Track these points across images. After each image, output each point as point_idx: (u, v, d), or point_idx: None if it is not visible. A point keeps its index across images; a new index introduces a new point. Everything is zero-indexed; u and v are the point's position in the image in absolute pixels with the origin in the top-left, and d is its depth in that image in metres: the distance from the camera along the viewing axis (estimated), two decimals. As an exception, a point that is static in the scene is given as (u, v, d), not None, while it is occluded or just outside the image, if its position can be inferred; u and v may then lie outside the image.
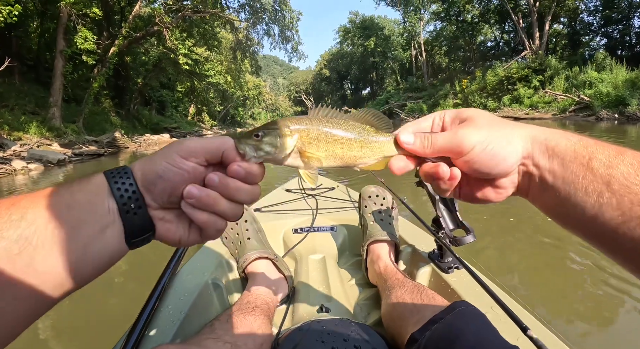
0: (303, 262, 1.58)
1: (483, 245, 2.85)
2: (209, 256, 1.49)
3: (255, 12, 27.34)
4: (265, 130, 0.51)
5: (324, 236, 1.77)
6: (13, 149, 10.71)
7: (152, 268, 2.63)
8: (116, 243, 0.43)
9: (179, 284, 1.26)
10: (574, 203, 0.43)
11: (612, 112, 17.28)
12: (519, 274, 2.44)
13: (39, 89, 17.64)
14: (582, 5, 29.97)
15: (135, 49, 21.96)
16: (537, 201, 0.50)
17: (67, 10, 14.53)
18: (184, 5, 19.07)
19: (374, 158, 0.56)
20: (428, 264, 1.34)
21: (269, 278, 1.34)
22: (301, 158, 0.54)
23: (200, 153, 0.47)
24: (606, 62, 21.13)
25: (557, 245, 2.79)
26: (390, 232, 1.44)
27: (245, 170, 0.48)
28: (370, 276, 1.41)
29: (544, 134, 0.47)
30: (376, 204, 1.55)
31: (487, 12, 33.83)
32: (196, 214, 0.46)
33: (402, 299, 1.08)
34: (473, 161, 0.48)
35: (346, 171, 6.72)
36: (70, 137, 14.00)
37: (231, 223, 1.49)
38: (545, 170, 0.46)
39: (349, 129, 0.55)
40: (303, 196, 2.25)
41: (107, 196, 0.43)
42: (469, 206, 3.28)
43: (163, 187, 0.45)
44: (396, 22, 51.06)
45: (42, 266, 0.37)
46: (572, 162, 0.44)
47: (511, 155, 0.47)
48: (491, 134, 0.48)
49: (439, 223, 1.28)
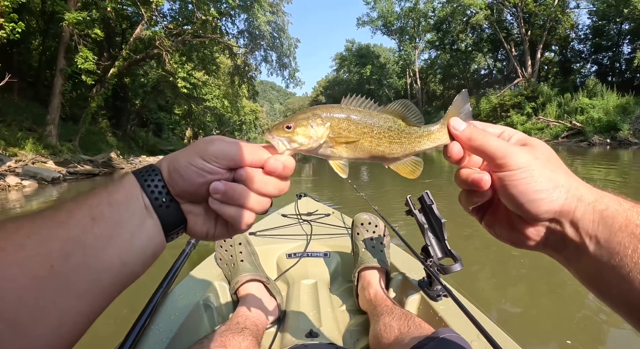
0: (295, 286, 1.60)
1: (472, 273, 2.86)
2: (201, 277, 1.51)
3: (253, 39, 27.87)
4: (297, 120, 0.51)
5: (317, 262, 1.79)
6: (8, 165, 10.67)
7: (144, 287, 2.62)
8: (156, 236, 0.46)
9: (171, 304, 1.29)
10: (619, 279, 0.38)
11: (604, 137, 17.64)
12: (507, 303, 2.45)
13: (37, 106, 17.71)
14: (573, 33, 31.20)
15: (135, 70, 22.20)
16: (571, 267, 0.46)
17: (69, 29, 14.74)
18: (185, 29, 19.44)
19: (403, 154, 0.55)
20: (417, 291, 1.36)
21: (259, 300, 1.36)
22: (331, 149, 0.53)
23: (222, 158, 0.47)
24: (597, 88, 21.76)
25: (547, 275, 2.80)
26: (381, 260, 1.47)
27: (282, 163, 0.48)
28: (361, 302, 1.43)
29: (594, 194, 0.43)
30: (368, 231, 1.58)
31: (481, 41, 34.80)
32: (223, 209, 0.47)
33: (390, 325, 1.10)
34: (509, 181, 0.45)
35: (342, 195, 6.76)
36: (66, 156, 13.97)
37: (225, 245, 1.52)
38: (587, 235, 0.42)
39: (381, 121, 0.54)
40: (298, 221, 2.28)
41: (141, 193, 0.45)
42: (457, 235, 3.29)
43: (185, 186, 0.47)
44: (392, 50, 52.25)
45: (95, 262, 0.39)
46: (621, 230, 0.39)
47: (548, 201, 0.43)
48: (543, 170, 0.44)
49: (427, 251, 1.30)
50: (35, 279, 0.35)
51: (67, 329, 0.38)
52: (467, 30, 34.24)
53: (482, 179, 0.48)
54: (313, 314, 1.39)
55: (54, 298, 0.36)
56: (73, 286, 0.38)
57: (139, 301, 1.14)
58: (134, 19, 20.63)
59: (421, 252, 1.34)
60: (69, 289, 0.37)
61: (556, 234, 0.45)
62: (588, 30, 30.93)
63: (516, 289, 2.64)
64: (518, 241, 0.49)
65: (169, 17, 21.49)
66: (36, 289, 0.35)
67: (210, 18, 18.57)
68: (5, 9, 11.65)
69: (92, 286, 0.39)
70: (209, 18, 18.49)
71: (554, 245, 0.46)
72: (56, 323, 0.37)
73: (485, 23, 31.22)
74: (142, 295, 2.37)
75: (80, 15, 14.01)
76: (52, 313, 0.36)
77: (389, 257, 1.56)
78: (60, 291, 0.37)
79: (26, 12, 15.99)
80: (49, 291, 0.36)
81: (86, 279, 0.39)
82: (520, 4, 28.48)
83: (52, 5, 13.95)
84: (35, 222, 0.39)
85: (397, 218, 4.17)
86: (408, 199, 1.36)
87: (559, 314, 2.31)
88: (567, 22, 29.05)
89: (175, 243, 2.32)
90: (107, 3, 15.72)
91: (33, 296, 0.35)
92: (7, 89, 14.49)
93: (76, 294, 0.38)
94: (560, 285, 2.63)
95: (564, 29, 29.79)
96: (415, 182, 8.20)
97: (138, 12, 17.62)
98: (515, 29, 31.82)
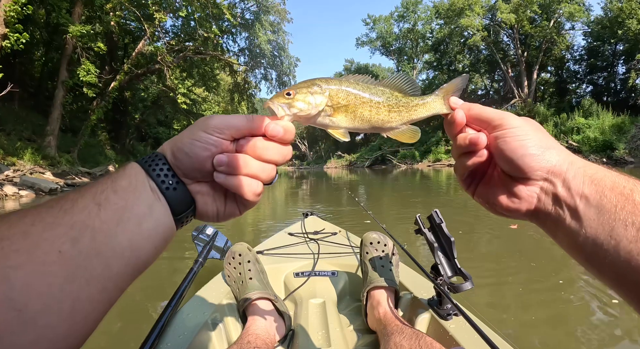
0: (303, 305, 1.59)
1: (483, 292, 2.84)
2: (209, 296, 1.50)
3: (254, 57, 28.37)
4: (297, 88, 0.52)
5: (325, 281, 1.78)
6: (6, 174, 10.67)
7: (153, 306, 2.61)
8: (165, 219, 0.45)
9: (179, 323, 1.28)
10: (607, 236, 0.40)
11: (601, 156, 17.83)
12: (519, 322, 2.42)
13: (37, 117, 17.81)
14: (568, 54, 31.83)
15: (136, 85, 22.43)
16: (559, 231, 0.46)
17: (72, 42, 14.95)
18: (186, 46, 19.74)
19: (400, 122, 0.58)
20: (427, 310, 1.35)
21: (268, 318, 1.35)
22: (330, 118, 0.55)
23: (224, 129, 0.47)
24: (592, 108, 22.09)
25: (559, 293, 2.75)
26: (390, 279, 1.46)
27: (283, 127, 0.49)
28: (370, 322, 1.42)
29: (583, 161, 0.47)
30: (377, 250, 1.58)
31: (478, 62, 35.31)
32: (229, 180, 0.47)
33: (401, 345, 1.08)
34: (504, 139, 0.48)
35: (345, 212, 6.76)
36: (64, 167, 13.98)
37: (234, 263, 1.52)
38: (578, 194, 0.44)
39: (378, 93, 0.56)
40: (305, 240, 2.27)
41: (146, 178, 0.45)
42: (467, 253, 3.27)
43: (191, 163, 0.46)
44: (390, 70, 52.98)
45: (104, 247, 0.38)
46: (610, 190, 0.41)
47: (541, 159, 0.46)
48: (534, 133, 0.48)
49: (437, 270, 1.30)
50: (43, 265, 0.34)
51: (80, 318, 0.37)
52: (465, 51, 34.80)
53: (479, 137, 0.51)
54: (322, 334, 1.37)
55: (64, 285, 0.35)
56: (83, 271, 0.37)
57: (147, 320, 1.14)
58: (136, 33, 20.97)
59: (431, 271, 1.34)
60: (80, 275, 0.36)
61: (548, 194, 0.46)
62: (583, 51, 31.65)
63: (529, 307, 2.61)
64: (511, 208, 0.50)
65: (171, 33, 21.95)
66: (45, 275, 0.34)
67: (212, 35, 18.90)
68: (10, 19, 11.82)
69: (103, 271, 0.38)
70: (211, 35, 18.81)
71: (545, 208, 0.47)
72: (67, 311, 0.36)
73: (482, 44, 31.74)
74: (151, 314, 2.35)
75: (84, 29, 14.26)
76: (63, 301, 0.35)
77: (397, 276, 1.56)
78: (70, 277, 0.36)
79: (30, 23, 16.21)
80: (59, 278, 0.35)
81: (96, 265, 0.38)
82: (517, 25, 29.08)
83: (57, 18, 14.18)
84: (39, 211, 0.38)
85: (404, 238, 4.18)
86: (417, 218, 1.37)
87: (574, 332, 2.28)
88: (562, 43, 29.69)
89: (184, 263, 2.35)
90: (110, 17, 15.99)
91: (42, 283, 0.34)
92: (8, 99, 14.59)
93: (87, 280, 0.37)
94: (577, 302, 2.60)
95: (560, 50, 30.42)
96: (423, 202, 8.22)
97: (141, 28, 17.96)
98: (511, 50, 32.40)
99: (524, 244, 4.15)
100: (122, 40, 21.64)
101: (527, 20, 28.66)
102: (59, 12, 14.19)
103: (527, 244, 4.12)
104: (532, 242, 4.13)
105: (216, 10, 18.06)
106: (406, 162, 33.39)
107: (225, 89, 29.76)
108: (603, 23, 27.20)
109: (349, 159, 44.79)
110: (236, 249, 1.55)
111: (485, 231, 4.81)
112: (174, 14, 18.63)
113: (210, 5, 17.55)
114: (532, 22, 29.24)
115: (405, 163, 33.29)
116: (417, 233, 1.36)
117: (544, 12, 28.37)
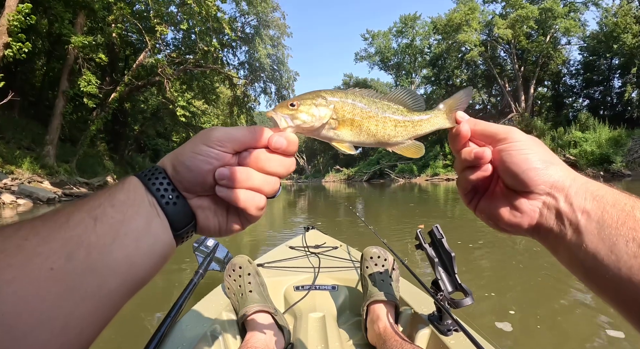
0: (303, 319, 1.58)
1: (483, 307, 2.83)
2: (208, 308, 1.50)
3: (254, 71, 28.66)
4: (301, 99, 0.51)
5: (325, 295, 1.77)
6: (4, 182, 10.64)
7: (152, 317, 2.59)
8: (164, 236, 0.43)
9: (178, 334, 1.28)
10: (608, 252, 0.40)
11: (598, 170, 17.94)
12: (520, 339, 2.41)
13: (37, 126, 17.84)
14: (565, 69, 32.29)
15: (136, 96, 22.57)
16: (560, 246, 0.46)
17: (74, 52, 15.08)
18: (187, 59, 19.93)
19: (407, 137, 0.57)
20: (427, 326, 1.35)
21: (267, 332, 1.34)
22: (335, 131, 0.53)
23: (226, 141, 0.46)
24: (589, 122, 22.25)
25: (560, 309, 2.74)
26: (390, 294, 1.46)
27: (286, 139, 0.47)
28: (370, 336, 1.41)
29: (585, 178, 0.47)
30: (377, 265, 1.58)
31: (475, 77, 35.66)
32: (231, 195, 0.45)
33: None
34: (508, 152, 0.49)
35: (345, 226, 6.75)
36: (62, 177, 13.96)
37: (234, 275, 1.52)
38: (579, 210, 0.44)
39: (384, 107, 0.56)
40: (306, 253, 2.27)
41: (145, 192, 0.43)
42: (467, 269, 3.24)
43: (192, 177, 0.45)
44: (388, 85, 53.46)
45: (100, 263, 0.37)
46: (612, 206, 0.42)
47: (544, 173, 0.47)
48: (539, 148, 0.50)
49: (438, 285, 1.30)
50: (36, 280, 0.33)
51: (73, 335, 0.35)
52: (462, 66, 35.14)
53: (484, 151, 0.51)
54: (321, 348, 1.37)
55: (57, 301, 0.34)
56: (77, 288, 0.35)
57: (145, 331, 1.13)
58: (137, 45, 21.18)
59: (431, 286, 1.34)
60: (73, 292, 0.35)
61: (551, 208, 0.47)
62: (579, 65, 32.09)
63: (529, 322, 2.60)
64: (513, 222, 0.50)
65: (172, 46, 22.19)
66: (37, 291, 0.33)
67: (212, 49, 19.09)
68: (14, 29, 11.94)
69: (99, 288, 0.37)
70: (211, 49, 19.01)
71: (546, 223, 0.47)
72: (60, 328, 0.34)
73: (480, 59, 32.13)
74: (149, 325, 2.33)
75: (86, 39, 14.38)
76: (56, 317, 0.34)
77: (398, 291, 1.56)
78: (64, 293, 0.35)
79: (33, 33, 16.34)
80: (52, 294, 0.34)
81: (92, 281, 0.36)
82: (514, 40, 29.54)
83: (60, 28, 14.36)
84: (34, 225, 0.37)
85: (404, 253, 4.17)
86: (418, 234, 1.38)
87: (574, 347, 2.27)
88: (558, 58, 30.14)
89: (183, 274, 2.34)
90: (112, 29, 16.15)
91: (34, 299, 0.33)
92: (8, 107, 14.68)
93: (81, 297, 0.36)
94: (579, 318, 2.58)
95: (556, 65, 30.86)
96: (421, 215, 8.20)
97: (142, 40, 18.12)
98: (508, 65, 32.87)
99: (523, 257, 4.15)
100: (123, 51, 21.84)
101: (523, 36, 29.14)
102: (61, 22, 14.37)
103: (528, 258, 4.11)
104: (533, 254, 4.13)
105: (217, 24, 18.29)
106: (404, 176, 33.40)
107: (224, 102, 29.94)
108: (599, 38, 27.67)
109: (347, 173, 44.94)
110: (237, 261, 1.55)
111: (485, 244, 4.80)
112: (175, 27, 18.86)
113: (211, 19, 17.78)
114: (529, 38, 29.73)
115: (403, 177, 33.29)
116: (417, 248, 1.37)
117: (540, 27, 28.88)
